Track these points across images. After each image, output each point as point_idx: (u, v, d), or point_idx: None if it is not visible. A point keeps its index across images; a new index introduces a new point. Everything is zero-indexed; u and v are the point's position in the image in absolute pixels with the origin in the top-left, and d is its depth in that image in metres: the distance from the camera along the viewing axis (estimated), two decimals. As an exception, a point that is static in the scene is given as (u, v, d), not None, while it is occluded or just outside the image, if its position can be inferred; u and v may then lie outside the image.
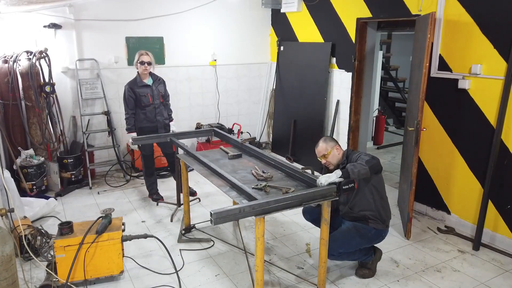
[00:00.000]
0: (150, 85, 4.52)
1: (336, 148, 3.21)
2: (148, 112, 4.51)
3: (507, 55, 3.53)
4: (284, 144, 6.45)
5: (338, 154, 3.21)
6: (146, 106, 4.49)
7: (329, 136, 3.65)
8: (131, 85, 4.48)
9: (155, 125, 4.57)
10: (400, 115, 8.87)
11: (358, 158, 3.05)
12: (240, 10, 6.33)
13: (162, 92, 4.62)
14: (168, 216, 4.39)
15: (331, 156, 3.17)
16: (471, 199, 3.98)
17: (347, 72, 5.32)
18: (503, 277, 3.34)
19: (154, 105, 4.53)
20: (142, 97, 4.47)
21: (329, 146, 3.20)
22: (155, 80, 4.58)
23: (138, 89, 4.46)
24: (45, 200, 4.41)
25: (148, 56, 4.45)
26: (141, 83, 4.49)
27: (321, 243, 2.95)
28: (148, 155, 4.69)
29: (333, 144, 3.22)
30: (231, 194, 2.91)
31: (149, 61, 4.44)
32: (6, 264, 2.61)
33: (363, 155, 3.10)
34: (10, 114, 4.77)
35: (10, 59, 4.68)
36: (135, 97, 4.46)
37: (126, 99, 4.47)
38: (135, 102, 4.48)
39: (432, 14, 3.58)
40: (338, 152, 3.21)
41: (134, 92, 4.45)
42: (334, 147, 3.20)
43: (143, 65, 4.41)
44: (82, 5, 5.22)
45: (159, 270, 3.39)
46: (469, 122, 3.92)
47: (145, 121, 4.53)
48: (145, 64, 4.41)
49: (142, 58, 4.42)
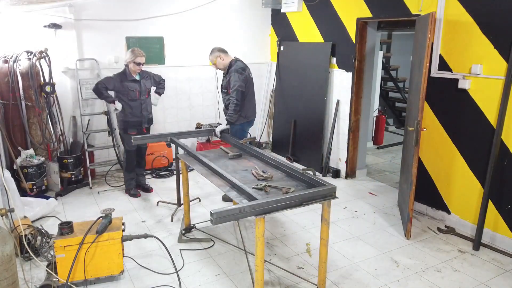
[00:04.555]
0: (138, 80, 4.66)
1: (219, 56, 4.49)
2: (134, 107, 4.65)
3: (507, 55, 3.53)
4: (284, 144, 6.45)
5: (222, 61, 4.51)
6: (132, 100, 4.63)
7: (217, 47, 4.59)
8: (121, 76, 4.60)
9: (140, 119, 4.73)
10: (400, 115, 8.87)
11: (232, 88, 4.41)
12: (240, 10, 6.33)
13: (149, 88, 4.77)
14: (168, 216, 4.39)
15: (217, 64, 4.53)
16: (471, 199, 3.98)
17: (347, 72, 5.32)
18: (503, 277, 3.34)
19: (141, 100, 4.69)
20: (130, 92, 4.61)
21: (213, 56, 4.50)
22: (143, 76, 4.72)
23: (128, 82, 4.60)
24: (45, 200, 4.41)
25: (144, 57, 4.59)
26: (131, 77, 4.61)
27: (321, 243, 2.95)
28: (132, 151, 4.83)
29: (217, 54, 4.49)
30: (231, 194, 2.90)
31: (143, 63, 4.60)
32: (6, 264, 2.61)
33: (234, 86, 4.37)
34: (10, 114, 4.77)
35: (10, 59, 4.68)
36: (121, 89, 4.59)
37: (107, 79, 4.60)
38: (121, 93, 4.61)
39: (432, 14, 3.58)
40: (221, 59, 4.51)
41: (123, 85, 4.58)
42: (218, 57, 4.49)
43: (138, 66, 4.55)
44: (82, 5, 5.22)
45: (159, 270, 3.39)
46: (469, 122, 3.92)
47: (130, 115, 4.67)
48: (140, 65, 4.56)
49: (139, 59, 4.53)
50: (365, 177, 5.67)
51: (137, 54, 4.52)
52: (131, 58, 4.53)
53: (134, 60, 4.51)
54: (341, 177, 5.64)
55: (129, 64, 4.56)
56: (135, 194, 4.91)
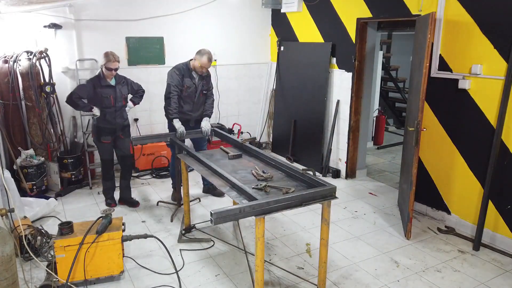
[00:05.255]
0: (113, 85, 4.33)
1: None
2: (108, 114, 4.33)
3: (507, 55, 3.53)
4: (284, 144, 6.45)
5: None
6: (106, 108, 4.31)
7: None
8: (94, 82, 4.28)
9: (114, 127, 4.40)
10: (400, 115, 8.87)
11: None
12: (240, 10, 6.33)
13: (125, 94, 4.44)
14: (168, 216, 4.39)
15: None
16: (471, 199, 3.97)
17: (347, 72, 5.32)
18: (503, 277, 3.34)
19: (116, 108, 4.35)
20: (104, 98, 4.28)
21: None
22: (118, 82, 4.37)
23: (101, 89, 4.26)
24: (45, 200, 4.41)
25: (118, 63, 4.24)
26: (105, 83, 4.29)
27: (321, 243, 2.95)
28: (108, 160, 4.53)
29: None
30: (231, 194, 2.90)
31: (116, 68, 4.24)
32: (6, 264, 2.61)
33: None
34: (10, 114, 4.77)
35: (10, 59, 4.68)
36: (94, 96, 4.26)
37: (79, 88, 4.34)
38: (94, 101, 4.29)
39: (432, 14, 3.58)
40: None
41: (96, 91, 4.25)
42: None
43: (110, 71, 4.22)
44: (82, 5, 5.22)
45: (159, 270, 3.39)
46: (469, 122, 3.92)
47: (104, 122, 4.35)
48: (112, 70, 4.22)
49: (111, 65, 4.18)
50: (365, 177, 5.67)
51: (110, 58, 4.16)
52: (103, 62, 4.19)
53: (106, 65, 4.17)
54: (341, 177, 5.64)
55: (102, 68, 4.24)
56: (110, 204, 4.63)
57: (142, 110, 5.88)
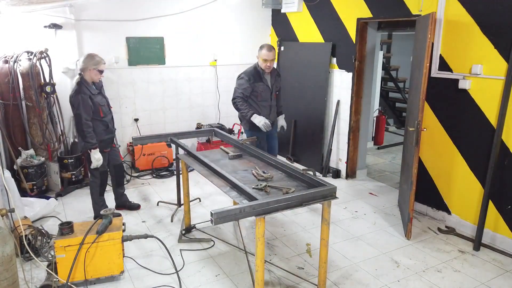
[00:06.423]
0: (99, 91, 4.04)
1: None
2: (109, 122, 4.08)
3: (507, 55, 3.53)
4: (284, 144, 6.44)
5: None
6: (105, 117, 4.01)
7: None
8: (88, 94, 3.86)
9: (113, 135, 4.20)
10: (401, 115, 8.87)
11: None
12: (240, 10, 6.33)
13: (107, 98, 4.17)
14: (169, 216, 4.39)
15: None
16: (472, 199, 3.97)
17: (347, 72, 5.32)
18: (504, 277, 3.34)
19: (111, 113, 4.16)
20: (102, 107, 3.97)
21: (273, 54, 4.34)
22: (98, 85, 4.04)
23: (95, 98, 3.92)
24: (45, 200, 4.41)
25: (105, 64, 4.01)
26: (94, 90, 3.93)
27: (322, 243, 2.95)
28: (106, 171, 4.23)
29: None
30: (232, 194, 2.91)
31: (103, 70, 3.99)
32: (6, 264, 2.61)
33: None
34: (11, 114, 4.77)
35: (11, 59, 4.68)
36: (94, 109, 3.90)
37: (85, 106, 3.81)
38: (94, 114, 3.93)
39: (432, 14, 3.58)
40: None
41: (94, 102, 3.89)
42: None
43: (100, 74, 3.93)
44: (83, 5, 5.22)
45: (160, 270, 3.39)
46: (470, 122, 3.92)
47: (105, 133, 4.04)
48: (102, 73, 3.96)
49: (102, 67, 3.91)
50: (365, 177, 5.67)
51: (100, 60, 3.88)
52: (93, 65, 3.83)
53: (97, 67, 3.85)
54: (341, 177, 5.64)
55: (89, 73, 3.85)
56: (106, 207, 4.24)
57: (142, 110, 5.89)
